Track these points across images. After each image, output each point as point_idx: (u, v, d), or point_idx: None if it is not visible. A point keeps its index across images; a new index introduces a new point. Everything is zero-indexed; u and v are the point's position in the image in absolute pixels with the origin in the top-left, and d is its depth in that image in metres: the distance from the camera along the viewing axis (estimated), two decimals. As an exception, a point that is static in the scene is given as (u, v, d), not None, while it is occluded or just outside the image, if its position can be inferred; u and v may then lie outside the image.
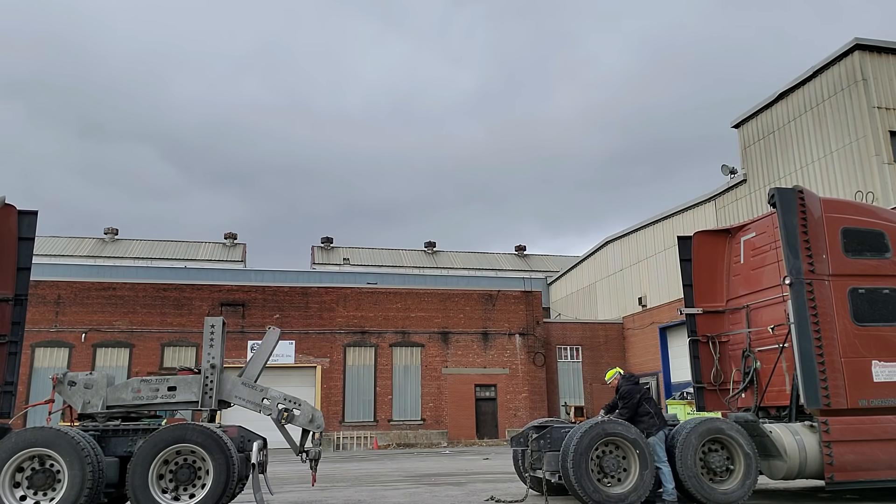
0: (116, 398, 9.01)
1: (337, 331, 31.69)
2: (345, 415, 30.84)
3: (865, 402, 9.07)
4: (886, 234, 9.76)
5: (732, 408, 10.92)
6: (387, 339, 32.12)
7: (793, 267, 9.31)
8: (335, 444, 30.02)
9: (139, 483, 7.97)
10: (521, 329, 33.51)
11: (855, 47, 24.35)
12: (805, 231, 9.46)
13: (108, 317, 29.83)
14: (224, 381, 9.44)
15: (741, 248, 11.24)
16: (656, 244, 34.86)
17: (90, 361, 29.01)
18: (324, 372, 31.06)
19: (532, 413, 31.87)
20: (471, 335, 32.93)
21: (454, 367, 32.39)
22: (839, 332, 9.21)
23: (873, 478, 8.90)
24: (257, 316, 30.70)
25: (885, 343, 9.32)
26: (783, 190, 9.64)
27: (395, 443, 30.71)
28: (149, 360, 29.55)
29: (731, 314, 11.24)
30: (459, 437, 31.43)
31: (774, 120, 28.14)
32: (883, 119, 23.82)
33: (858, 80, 24.23)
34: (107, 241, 49.67)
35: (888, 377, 9.20)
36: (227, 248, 51.35)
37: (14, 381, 8.57)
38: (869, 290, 9.46)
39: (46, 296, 29.32)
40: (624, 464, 9.03)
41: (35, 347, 28.57)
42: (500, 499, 10.09)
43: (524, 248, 57.17)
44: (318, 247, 53.36)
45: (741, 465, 9.20)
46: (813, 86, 26.21)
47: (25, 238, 8.92)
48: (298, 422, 9.34)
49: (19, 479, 7.90)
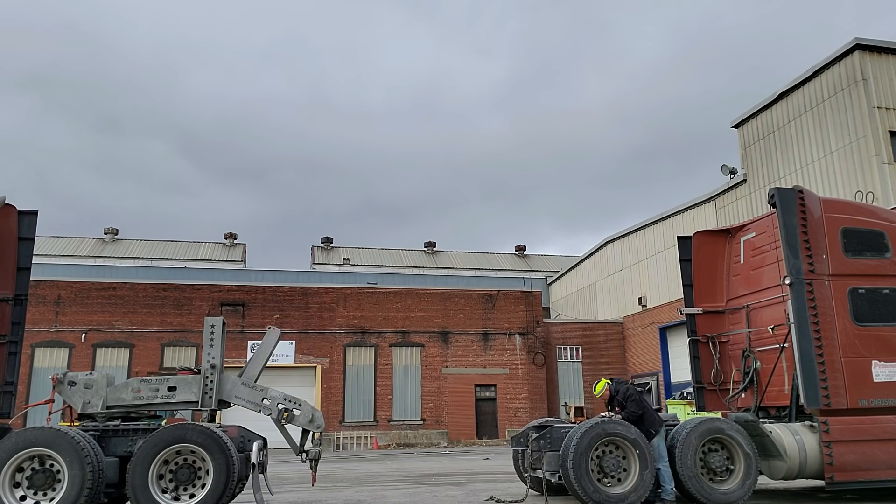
0: (116, 398, 9.02)
1: (337, 331, 31.69)
2: (345, 415, 30.84)
3: (865, 402, 9.07)
4: (886, 234, 9.76)
5: (732, 408, 10.92)
6: (387, 339, 32.11)
7: (793, 267, 9.31)
8: (335, 444, 30.02)
9: (139, 483, 7.98)
10: (521, 329, 33.51)
11: (855, 47, 24.35)
12: (805, 231, 9.46)
13: (108, 317, 29.84)
14: (224, 381, 9.44)
15: (741, 248, 11.24)
16: (656, 244, 34.86)
17: (90, 361, 29.01)
18: (324, 372, 31.06)
19: (532, 413, 31.86)
20: (471, 335, 32.93)
21: (454, 367, 32.39)
22: (839, 332, 9.21)
23: (873, 478, 8.90)
24: (257, 316, 30.70)
25: (885, 343, 9.33)
26: (783, 190, 9.64)
27: (395, 443, 30.71)
28: (149, 360, 29.56)
29: (731, 314, 11.24)
30: (459, 438, 31.43)
31: (774, 120, 28.14)
32: (883, 119, 23.82)
33: (858, 80, 24.23)
34: (107, 241, 49.67)
35: (888, 377, 9.20)
36: (227, 248, 51.34)
37: (14, 381, 8.58)
38: (869, 290, 9.46)
39: (46, 296, 29.32)
40: (624, 464, 9.03)
41: (35, 347, 28.58)
42: (500, 499, 10.09)
43: (524, 247, 57.19)
44: (318, 247, 53.36)
45: (741, 465, 9.20)
46: (813, 86, 26.21)
47: (25, 238, 8.93)
48: (298, 422, 9.34)
49: (19, 479, 7.91)
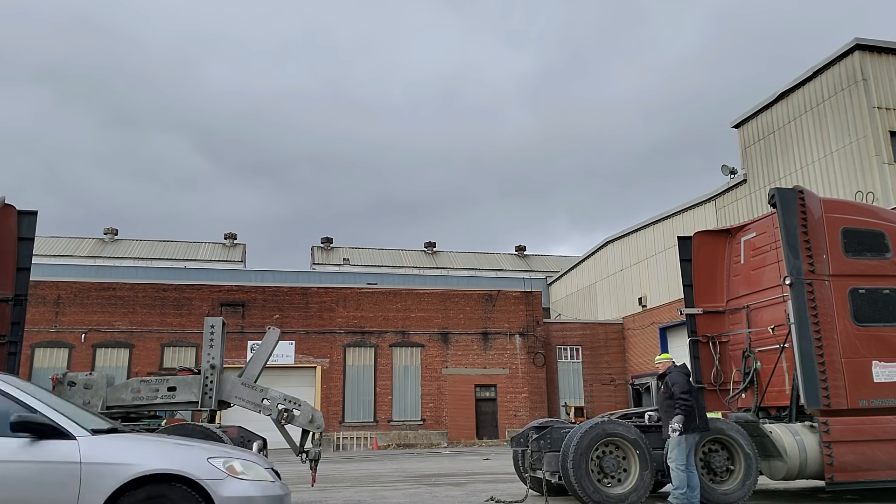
0: (116, 398, 9.02)
1: (337, 331, 31.68)
2: (345, 415, 30.84)
3: (866, 402, 9.07)
4: (886, 234, 9.76)
5: (732, 408, 10.92)
6: (387, 339, 32.11)
7: (793, 267, 9.30)
8: (335, 445, 30.01)
9: (139, 483, 7.96)
10: (521, 329, 33.50)
11: (855, 47, 24.34)
12: (805, 231, 9.46)
13: (107, 317, 29.83)
14: (224, 381, 9.44)
15: (741, 248, 11.24)
16: (656, 244, 34.86)
17: (90, 362, 29.01)
18: (324, 372, 31.05)
19: (532, 413, 31.86)
20: (471, 335, 32.92)
21: (454, 368, 32.38)
22: (839, 332, 9.21)
23: (873, 478, 8.90)
24: (257, 316, 30.70)
25: (885, 343, 9.32)
26: (783, 190, 9.64)
27: (394, 443, 30.70)
28: (148, 361, 29.55)
29: (731, 314, 11.24)
30: (459, 438, 31.42)
31: (774, 120, 28.14)
32: (883, 119, 23.82)
33: (858, 81, 24.23)
34: (106, 241, 49.68)
35: (888, 377, 9.20)
36: (227, 249, 51.34)
37: (14, 382, 8.56)
38: (869, 291, 9.46)
39: (46, 296, 29.32)
40: (624, 464, 9.03)
41: (35, 348, 28.57)
42: (500, 499, 10.09)
43: (524, 248, 57.24)
44: (317, 247, 53.36)
45: (741, 466, 9.21)
46: (813, 86, 26.21)
47: (25, 238, 8.93)
48: (298, 422, 9.35)
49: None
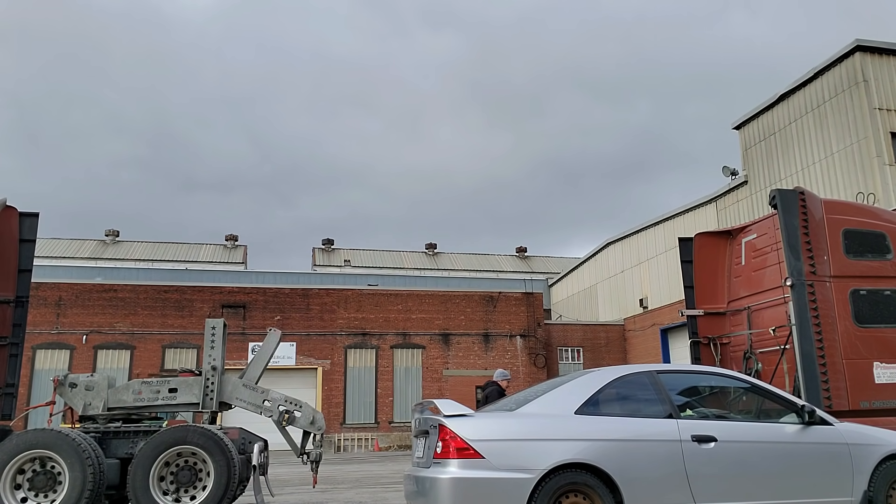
0: (117, 400, 9.02)
1: (338, 332, 31.68)
2: (346, 416, 30.83)
3: (867, 403, 9.05)
4: (888, 235, 9.76)
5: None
6: (388, 340, 32.10)
7: (794, 268, 9.30)
8: (336, 446, 30.00)
9: (140, 485, 7.98)
10: (523, 331, 33.49)
11: (856, 48, 24.35)
12: (806, 232, 9.46)
13: (109, 318, 29.85)
14: (225, 382, 9.45)
15: (742, 249, 11.24)
16: (657, 246, 34.84)
17: (91, 363, 29.03)
18: (325, 374, 31.05)
19: (533, 415, 31.78)
20: (472, 337, 32.92)
21: (455, 369, 32.37)
22: (840, 333, 9.20)
23: (875, 479, 8.88)
24: (258, 318, 30.70)
25: (886, 344, 9.32)
26: (784, 191, 9.63)
27: (396, 444, 30.70)
28: (150, 362, 29.56)
29: (732, 316, 11.24)
30: (460, 439, 31.36)
31: (775, 121, 28.14)
32: (884, 120, 23.82)
33: (859, 82, 24.23)
34: (108, 242, 49.72)
35: (889, 379, 9.19)
36: (228, 250, 51.37)
37: (15, 383, 8.57)
38: (870, 292, 9.45)
39: (47, 297, 29.34)
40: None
41: (36, 349, 28.60)
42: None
43: (525, 249, 57.23)
44: (318, 248, 53.38)
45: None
46: (814, 87, 26.21)
47: (26, 240, 8.93)
48: (299, 423, 9.35)
49: (20, 480, 7.91)
